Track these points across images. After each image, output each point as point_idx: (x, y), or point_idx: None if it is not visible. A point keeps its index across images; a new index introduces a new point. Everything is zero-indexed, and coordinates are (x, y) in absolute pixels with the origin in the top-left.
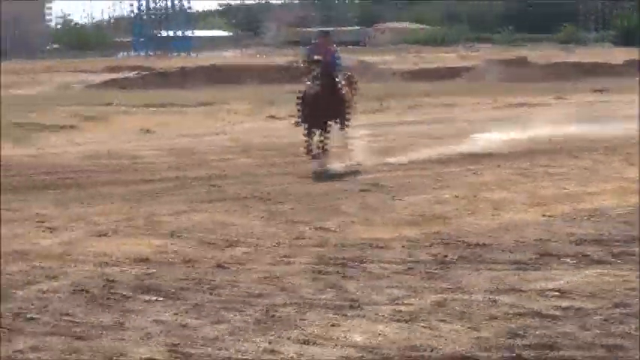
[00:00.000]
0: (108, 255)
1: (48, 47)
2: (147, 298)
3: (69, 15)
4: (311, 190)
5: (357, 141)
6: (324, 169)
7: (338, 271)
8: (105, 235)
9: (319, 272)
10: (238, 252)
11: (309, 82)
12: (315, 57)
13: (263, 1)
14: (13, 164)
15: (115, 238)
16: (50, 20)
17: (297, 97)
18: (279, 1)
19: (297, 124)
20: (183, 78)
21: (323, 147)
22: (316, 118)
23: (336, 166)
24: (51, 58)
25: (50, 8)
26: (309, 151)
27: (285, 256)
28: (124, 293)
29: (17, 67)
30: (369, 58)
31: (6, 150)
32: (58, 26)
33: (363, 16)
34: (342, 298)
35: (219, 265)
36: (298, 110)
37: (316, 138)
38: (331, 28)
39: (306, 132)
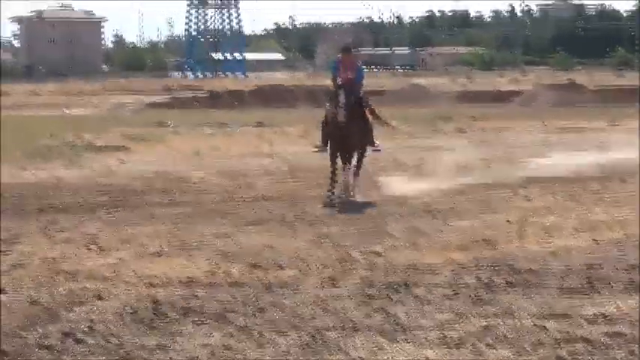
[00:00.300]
0: (156, 276)
1: (105, 67)
2: (193, 320)
3: (122, 34)
4: (359, 213)
5: (408, 163)
6: (350, 198)
7: (385, 295)
8: (154, 256)
9: (366, 296)
10: (285, 275)
11: (329, 107)
12: (339, 81)
13: (315, 24)
14: (65, 184)
15: (163, 259)
16: (104, 41)
17: (322, 123)
18: (331, 24)
19: (319, 149)
20: (234, 99)
21: (354, 171)
22: (343, 145)
23: (358, 197)
24: (105, 79)
25: (103, 27)
26: (332, 186)
27: (332, 279)
28: (171, 315)
29: (73, 87)
30: (421, 81)
31: (58, 170)
32: (112, 47)
33: (415, 39)
34: (388, 322)
35: (266, 288)
36: (325, 137)
37: (340, 167)
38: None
39: (330, 163)
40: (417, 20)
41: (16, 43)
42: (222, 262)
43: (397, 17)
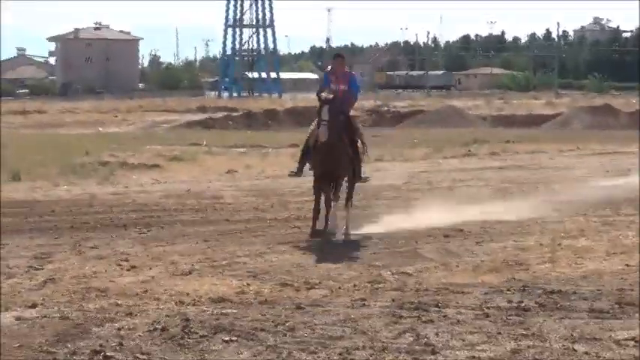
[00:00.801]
0: (187, 294)
1: (141, 86)
2: (224, 338)
3: (157, 51)
4: (391, 234)
5: (442, 184)
6: (339, 233)
7: (415, 316)
8: (185, 274)
9: (397, 316)
10: (316, 294)
11: (314, 127)
12: (324, 95)
13: (350, 45)
14: (98, 202)
15: (194, 277)
16: (141, 60)
17: (304, 145)
18: (367, 46)
19: (293, 173)
20: (269, 119)
21: (343, 203)
22: (327, 173)
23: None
24: (140, 98)
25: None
26: (315, 223)
27: (362, 299)
28: (202, 333)
29: (108, 105)
30: (456, 103)
31: (91, 187)
32: (148, 66)
33: (450, 61)
34: (419, 342)
35: (297, 307)
36: (303, 161)
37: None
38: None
39: (314, 195)
40: (452, 43)
41: (53, 62)
42: (252, 281)
43: (433, 40)
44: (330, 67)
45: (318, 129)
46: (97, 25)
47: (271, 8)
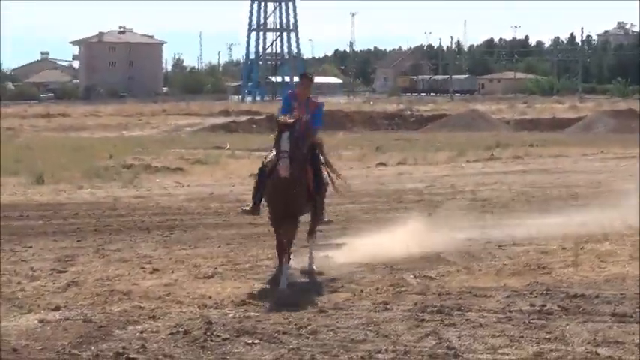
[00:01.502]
0: (209, 297)
1: (164, 90)
2: (246, 341)
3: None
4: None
5: (465, 188)
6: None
7: (438, 319)
8: (208, 277)
9: (419, 319)
10: (339, 297)
11: (271, 156)
12: (282, 119)
13: (374, 49)
14: (121, 205)
15: (217, 280)
16: (164, 64)
17: (257, 175)
18: (391, 50)
19: (248, 210)
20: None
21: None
22: (282, 209)
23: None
24: (164, 101)
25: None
26: (281, 259)
27: (385, 303)
28: (224, 336)
29: (132, 109)
30: (480, 107)
31: (115, 191)
32: (171, 69)
33: (474, 65)
34: (441, 346)
35: (319, 310)
36: (258, 194)
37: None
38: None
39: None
40: (476, 47)
41: (76, 65)
42: (275, 284)
43: (457, 44)
44: (292, 90)
45: (278, 162)
46: (121, 29)
47: (295, 12)
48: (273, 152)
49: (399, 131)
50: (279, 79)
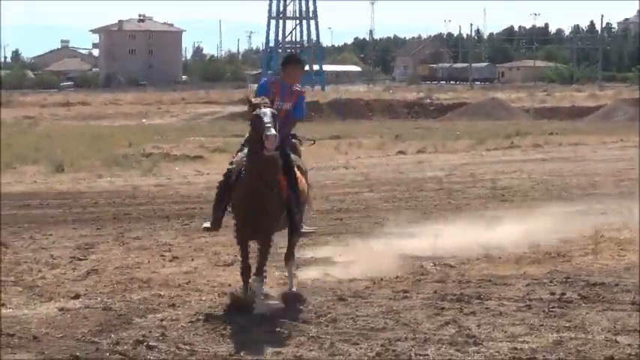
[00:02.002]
0: (229, 285)
1: (184, 78)
2: (266, 329)
3: (200, 43)
4: (437, 225)
5: (484, 177)
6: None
7: (458, 308)
8: (227, 265)
9: (439, 308)
10: (358, 285)
11: (240, 157)
12: (258, 100)
13: (393, 37)
14: (141, 193)
15: (236, 268)
16: (184, 52)
17: (219, 183)
18: (410, 38)
19: (209, 226)
20: (311, 111)
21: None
22: (252, 220)
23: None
24: (183, 90)
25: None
26: (246, 284)
27: (405, 291)
28: (244, 324)
29: (151, 97)
30: (499, 95)
31: (134, 179)
32: (190, 58)
33: (494, 53)
34: (461, 334)
35: (339, 298)
36: (221, 205)
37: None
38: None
39: (239, 248)
40: (496, 35)
41: (96, 54)
42: (296, 273)
43: (477, 32)
44: (274, 77)
45: (265, 138)
46: (141, 17)
47: (314, 0)
48: (243, 152)
49: (418, 119)
50: None
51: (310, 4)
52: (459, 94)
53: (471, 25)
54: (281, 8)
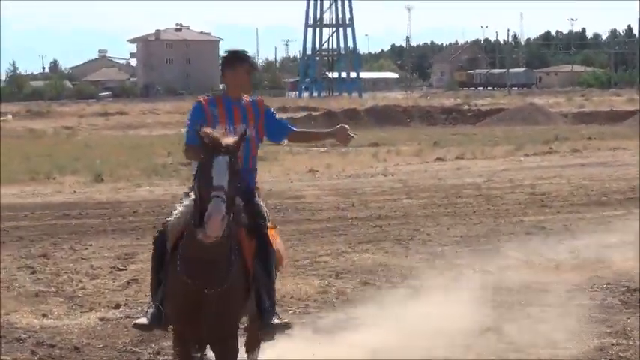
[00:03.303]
0: None
1: (222, 87)
2: (306, 336)
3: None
4: (473, 232)
5: (523, 182)
6: None
7: (498, 314)
8: None
9: (479, 314)
10: (399, 293)
11: (184, 208)
12: (215, 134)
13: (430, 44)
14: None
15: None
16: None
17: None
18: (447, 44)
19: (146, 322)
20: (350, 119)
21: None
22: (199, 324)
23: None
24: None
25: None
26: None
27: (445, 298)
28: (285, 332)
29: (189, 106)
30: (537, 100)
31: (174, 188)
32: None
33: (531, 58)
34: (501, 340)
35: (379, 306)
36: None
37: None
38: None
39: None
40: (533, 40)
41: (134, 63)
42: (335, 280)
43: (514, 37)
44: (209, 96)
45: (207, 209)
46: (178, 27)
47: (351, 7)
48: (185, 202)
49: (456, 126)
50: (335, 74)
51: (347, 11)
52: (497, 99)
53: (508, 30)
54: (318, 16)
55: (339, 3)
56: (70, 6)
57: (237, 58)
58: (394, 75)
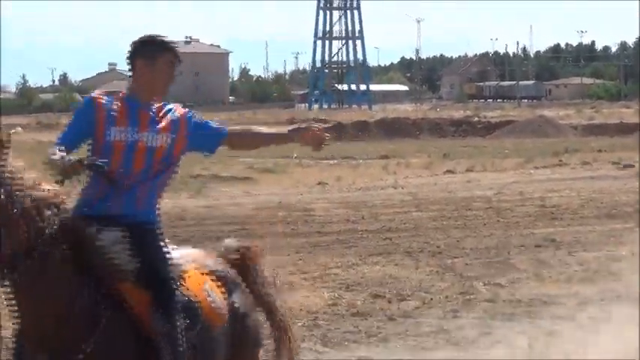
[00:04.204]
0: (280, 306)
1: (231, 99)
2: (316, 348)
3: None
4: (483, 245)
5: (533, 195)
6: None
7: (508, 327)
8: (288, 286)
9: (490, 327)
10: (408, 305)
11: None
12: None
13: (439, 56)
14: (190, 215)
15: (286, 289)
16: (231, 73)
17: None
18: (456, 56)
19: None
20: (359, 131)
21: None
22: None
23: None
24: (230, 111)
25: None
26: None
27: (455, 311)
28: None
29: None
30: (547, 113)
31: (183, 201)
32: (237, 79)
33: (540, 70)
34: (512, 353)
35: (389, 318)
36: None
37: None
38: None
39: None
40: (543, 53)
41: None
42: (345, 293)
43: (523, 50)
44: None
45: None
46: (187, 39)
47: (360, 20)
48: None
49: (466, 138)
50: (345, 87)
51: (356, 24)
52: (506, 112)
53: (517, 42)
54: (327, 28)
55: (349, 15)
56: (80, 19)
57: (158, 44)
58: (404, 87)
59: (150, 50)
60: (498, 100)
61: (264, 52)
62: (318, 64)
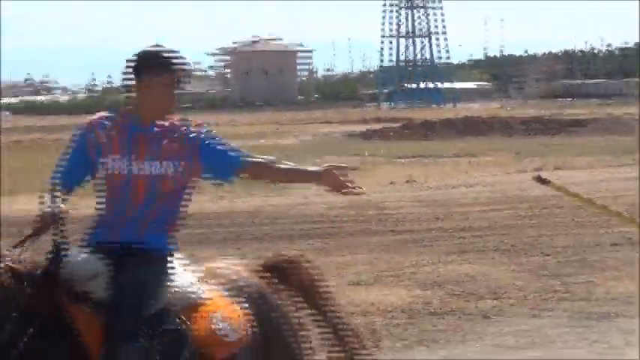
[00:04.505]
0: (356, 305)
1: (300, 98)
2: (394, 345)
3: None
4: (561, 243)
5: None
6: None
7: (589, 326)
8: (353, 284)
9: (569, 327)
10: (486, 304)
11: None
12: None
13: (510, 55)
14: (262, 214)
15: (361, 288)
16: (305, 72)
17: None
18: (527, 55)
19: None
20: (430, 130)
21: None
22: None
23: None
24: (299, 110)
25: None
26: None
27: (533, 309)
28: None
29: (269, 118)
30: (617, 111)
31: (255, 200)
32: (304, 79)
33: (611, 68)
34: (594, 352)
35: (467, 318)
36: None
37: None
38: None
39: None
40: (625, 50)
41: (212, 74)
42: (421, 292)
43: (591, 49)
44: (96, 119)
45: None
46: (255, 39)
47: (427, 19)
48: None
49: (537, 136)
50: (414, 85)
51: (432, 22)
52: (580, 110)
53: (585, 42)
54: (400, 26)
55: (425, 13)
56: (147, 19)
57: (154, 62)
58: (475, 86)
59: (155, 66)
60: (572, 99)
61: (332, 51)
62: (387, 63)
